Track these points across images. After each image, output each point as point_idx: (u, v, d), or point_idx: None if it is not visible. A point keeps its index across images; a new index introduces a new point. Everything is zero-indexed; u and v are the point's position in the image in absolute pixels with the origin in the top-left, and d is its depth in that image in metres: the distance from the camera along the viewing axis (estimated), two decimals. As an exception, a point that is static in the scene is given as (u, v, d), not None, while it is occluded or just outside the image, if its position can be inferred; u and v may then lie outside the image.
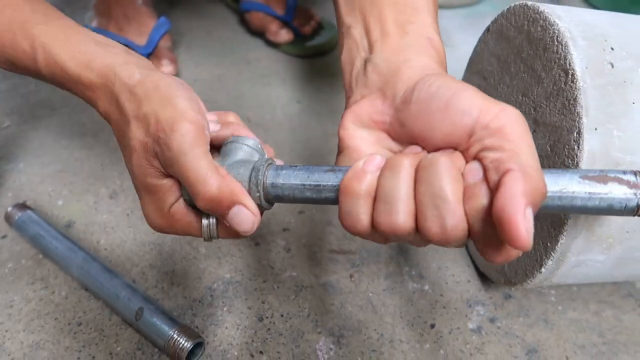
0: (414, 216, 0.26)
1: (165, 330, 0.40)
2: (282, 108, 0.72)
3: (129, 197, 0.56)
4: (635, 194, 0.25)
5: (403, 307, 0.46)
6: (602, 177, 0.25)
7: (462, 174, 0.25)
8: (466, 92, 0.26)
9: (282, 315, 0.45)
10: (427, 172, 0.25)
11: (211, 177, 0.28)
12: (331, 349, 0.42)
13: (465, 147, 0.26)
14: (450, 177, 0.24)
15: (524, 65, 0.40)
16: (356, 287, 0.47)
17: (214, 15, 0.99)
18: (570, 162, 0.34)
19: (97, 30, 0.78)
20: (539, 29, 0.38)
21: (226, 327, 0.43)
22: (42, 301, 0.45)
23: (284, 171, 0.29)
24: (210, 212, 0.30)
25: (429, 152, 0.28)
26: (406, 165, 0.26)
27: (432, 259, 0.50)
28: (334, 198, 0.28)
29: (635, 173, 0.25)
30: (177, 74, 0.78)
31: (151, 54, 0.78)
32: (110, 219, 0.53)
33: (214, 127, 0.33)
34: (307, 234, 0.52)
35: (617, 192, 0.25)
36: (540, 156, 0.37)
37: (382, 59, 0.32)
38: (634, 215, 0.25)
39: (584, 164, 0.33)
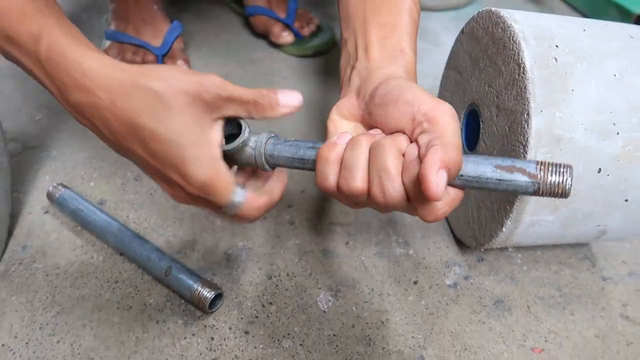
0: (367, 182, 0.33)
1: (190, 284, 0.48)
2: (285, 102, 0.80)
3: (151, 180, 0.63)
4: (532, 183, 0.31)
5: (391, 268, 0.54)
6: (510, 167, 0.32)
7: (403, 154, 0.33)
8: (411, 89, 0.35)
9: (287, 275, 0.53)
10: (375, 151, 0.33)
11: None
12: (329, 300, 0.50)
13: (410, 129, 0.34)
14: (391, 155, 0.32)
15: (489, 61, 0.48)
16: (351, 252, 0.55)
17: (220, 19, 1.07)
18: (522, 139, 0.42)
19: (115, 32, 0.86)
20: (500, 30, 0.46)
21: (241, 284, 0.51)
22: (84, 264, 0.53)
23: (278, 146, 0.38)
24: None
25: (385, 134, 0.36)
26: (363, 143, 0.34)
27: (417, 229, 0.58)
28: (313, 167, 0.37)
29: (537, 164, 0.32)
30: (189, 73, 0.85)
31: (166, 54, 0.85)
32: (137, 198, 0.61)
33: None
34: (308, 209, 0.60)
35: (519, 180, 0.32)
36: (500, 135, 0.46)
37: (363, 66, 0.42)
38: (535, 196, 0.32)
39: (533, 139, 0.41)
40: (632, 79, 0.42)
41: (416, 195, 0.32)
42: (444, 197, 0.33)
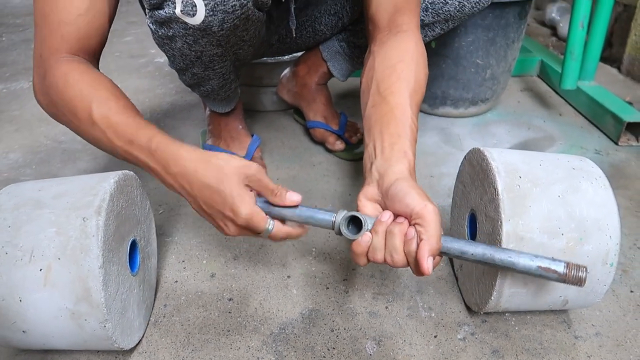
0: (384, 255, 0.57)
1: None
2: (339, 198, 1.05)
3: (245, 259, 0.89)
4: (561, 279, 0.56)
5: (418, 326, 0.75)
6: (547, 269, 0.56)
7: (405, 234, 0.56)
8: (411, 194, 0.57)
9: (345, 328, 0.75)
10: (389, 236, 0.56)
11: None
12: (374, 347, 0.72)
13: (410, 218, 0.57)
14: (399, 240, 0.56)
15: (479, 182, 0.71)
16: (389, 313, 0.77)
17: (286, 128, 1.36)
18: (498, 237, 0.64)
19: (211, 146, 1.16)
20: (485, 164, 0.69)
21: (312, 334, 0.74)
22: (205, 319, 0.77)
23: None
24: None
25: (395, 215, 0.58)
26: (381, 233, 0.57)
27: (437, 298, 0.80)
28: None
29: (565, 265, 0.56)
30: (266, 176, 1.13)
31: (249, 162, 1.14)
32: (237, 272, 0.86)
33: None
34: (357, 282, 0.83)
35: (552, 276, 0.56)
36: (487, 234, 0.68)
37: (380, 164, 0.63)
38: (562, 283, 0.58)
39: (504, 238, 0.63)
40: (571, 198, 0.65)
41: (412, 264, 0.56)
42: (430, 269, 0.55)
